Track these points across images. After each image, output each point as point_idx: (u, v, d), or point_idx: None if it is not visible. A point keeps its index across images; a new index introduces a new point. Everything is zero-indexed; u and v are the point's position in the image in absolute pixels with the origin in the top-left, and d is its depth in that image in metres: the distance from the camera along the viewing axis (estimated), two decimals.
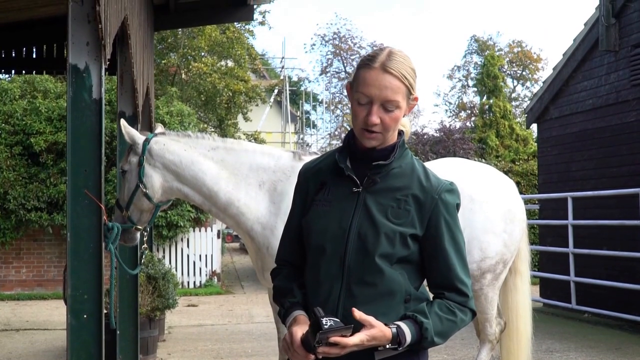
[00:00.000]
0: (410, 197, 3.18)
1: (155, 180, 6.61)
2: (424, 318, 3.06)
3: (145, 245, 7.28)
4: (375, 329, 2.98)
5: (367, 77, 3.12)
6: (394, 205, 3.17)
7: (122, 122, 6.82)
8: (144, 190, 6.57)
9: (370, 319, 3.00)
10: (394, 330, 3.02)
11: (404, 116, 3.23)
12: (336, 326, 2.95)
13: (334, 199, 3.28)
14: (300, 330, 3.09)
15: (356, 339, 2.95)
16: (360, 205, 3.20)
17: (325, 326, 2.93)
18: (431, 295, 3.30)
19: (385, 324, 3.03)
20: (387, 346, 3.03)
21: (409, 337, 3.03)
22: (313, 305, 3.11)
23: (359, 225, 3.17)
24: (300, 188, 3.49)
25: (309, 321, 3.07)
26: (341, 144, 3.40)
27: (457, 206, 3.28)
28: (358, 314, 2.99)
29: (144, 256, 7.77)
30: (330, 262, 3.20)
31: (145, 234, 7.04)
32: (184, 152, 6.64)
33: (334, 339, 2.94)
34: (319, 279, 3.23)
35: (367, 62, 3.16)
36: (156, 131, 6.92)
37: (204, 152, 6.68)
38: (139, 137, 6.68)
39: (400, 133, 3.32)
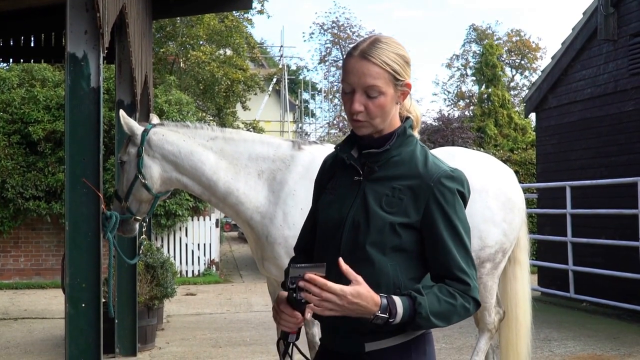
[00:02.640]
0: (405, 186, 3.13)
1: (154, 171, 6.59)
2: (419, 294, 2.96)
3: (144, 236, 7.26)
4: (362, 286, 2.89)
5: (348, 66, 3.13)
6: (388, 194, 3.13)
7: (121, 112, 6.80)
8: (143, 180, 6.54)
9: (357, 276, 2.92)
10: (384, 300, 2.92)
11: (397, 103, 3.19)
12: (309, 264, 2.92)
13: (339, 187, 3.29)
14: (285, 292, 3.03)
15: (337, 287, 2.86)
16: (359, 194, 3.18)
17: (297, 265, 2.89)
18: None
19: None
20: (378, 313, 2.90)
21: (400, 309, 2.92)
22: None
23: (355, 213, 3.16)
24: (317, 178, 3.51)
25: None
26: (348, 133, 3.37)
27: (460, 193, 3.22)
28: (345, 266, 2.93)
29: (142, 246, 7.76)
30: (329, 250, 3.20)
31: (145, 224, 7.03)
32: (182, 143, 6.62)
33: (309, 275, 2.86)
34: None
35: (349, 52, 3.16)
36: (152, 122, 6.90)
37: (203, 142, 6.66)
38: (138, 128, 6.65)
39: (406, 119, 3.29)
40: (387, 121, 3.18)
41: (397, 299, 2.95)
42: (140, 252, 8.29)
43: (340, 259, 2.95)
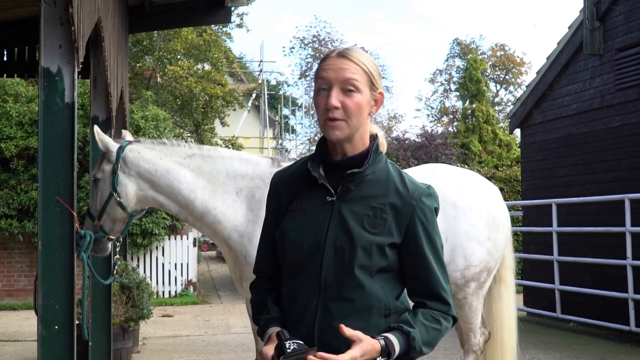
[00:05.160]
0: (387, 205, 3.13)
1: (130, 189, 6.53)
2: (410, 327, 3.04)
3: (118, 256, 7.19)
4: (365, 343, 2.92)
5: (324, 64, 3.15)
6: (370, 214, 3.12)
7: (96, 128, 6.74)
8: (118, 199, 6.48)
9: (359, 333, 2.93)
10: (382, 342, 2.97)
11: (370, 114, 3.20)
12: (299, 349, 2.88)
13: (307, 209, 3.21)
14: (271, 350, 3.00)
15: (347, 357, 2.88)
16: (335, 215, 3.14)
17: (288, 350, 2.87)
18: (411, 304, 3.27)
19: (372, 337, 2.98)
20: (378, 359, 2.95)
21: (397, 347, 2.99)
22: (288, 320, 3.15)
23: (335, 236, 3.11)
24: (272, 197, 3.44)
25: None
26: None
27: (436, 210, 3.23)
28: (347, 330, 2.91)
29: (117, 266, 7.64)
30: (306, 276, 3.14)
31: (119, 243, 6.97)
32: (159, 161, 6.57)
33: (321, 354, 2.87)
34: (294, 294, 3.19)
35: (326, 55, 3.21)
36: (125, 139, 6.85)
37: (180, 160, 6.61)
38: (113, 145, 6.60)
39: (374, 138, 3.26)
40: (360, 128, 3.16)
41: (393, 338, 3.01)
42: (115, 272, 8.19)
43: (342, 326, 2.94)
